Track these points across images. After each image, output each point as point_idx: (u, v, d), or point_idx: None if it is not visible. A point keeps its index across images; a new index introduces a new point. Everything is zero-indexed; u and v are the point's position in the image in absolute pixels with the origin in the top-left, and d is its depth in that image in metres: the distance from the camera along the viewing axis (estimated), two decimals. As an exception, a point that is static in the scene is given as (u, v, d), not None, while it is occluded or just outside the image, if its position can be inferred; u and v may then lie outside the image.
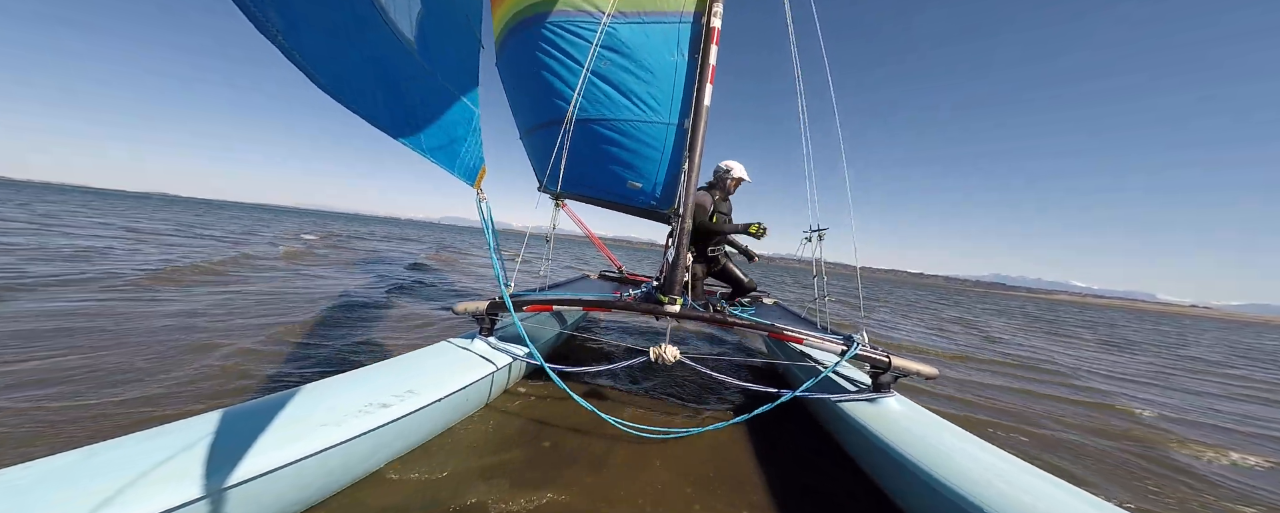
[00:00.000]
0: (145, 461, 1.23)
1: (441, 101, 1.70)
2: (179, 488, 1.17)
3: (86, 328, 3.31)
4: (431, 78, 1.59)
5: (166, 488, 1.16)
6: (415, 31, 1.46)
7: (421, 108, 1.59)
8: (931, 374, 2.49)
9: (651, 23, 2.99)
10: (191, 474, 1.22)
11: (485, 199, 2.26)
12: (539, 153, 3.79)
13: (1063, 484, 1.62)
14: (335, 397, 1.75)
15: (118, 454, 1.25)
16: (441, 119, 1.72)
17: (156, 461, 1.24)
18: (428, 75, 1.57)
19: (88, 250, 7.17)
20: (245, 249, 9.65)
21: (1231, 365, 8.48)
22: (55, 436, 1.86)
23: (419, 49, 1.49)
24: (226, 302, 4.68)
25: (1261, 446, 3.43)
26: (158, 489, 1.15)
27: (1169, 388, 5.52)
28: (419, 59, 1.50)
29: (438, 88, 1.65)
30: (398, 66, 1.43)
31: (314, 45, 1.06)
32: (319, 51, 1.08)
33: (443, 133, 1.75)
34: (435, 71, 1.60)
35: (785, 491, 1.99)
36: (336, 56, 1.16)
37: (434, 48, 1.57)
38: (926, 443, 1.89)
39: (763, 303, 4.75)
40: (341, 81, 1.17)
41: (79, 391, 2.29)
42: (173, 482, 1.19)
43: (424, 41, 1.51)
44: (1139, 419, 3.87)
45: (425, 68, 1.55)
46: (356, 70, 1.26)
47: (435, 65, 1.59)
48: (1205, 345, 12.53)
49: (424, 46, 1.51)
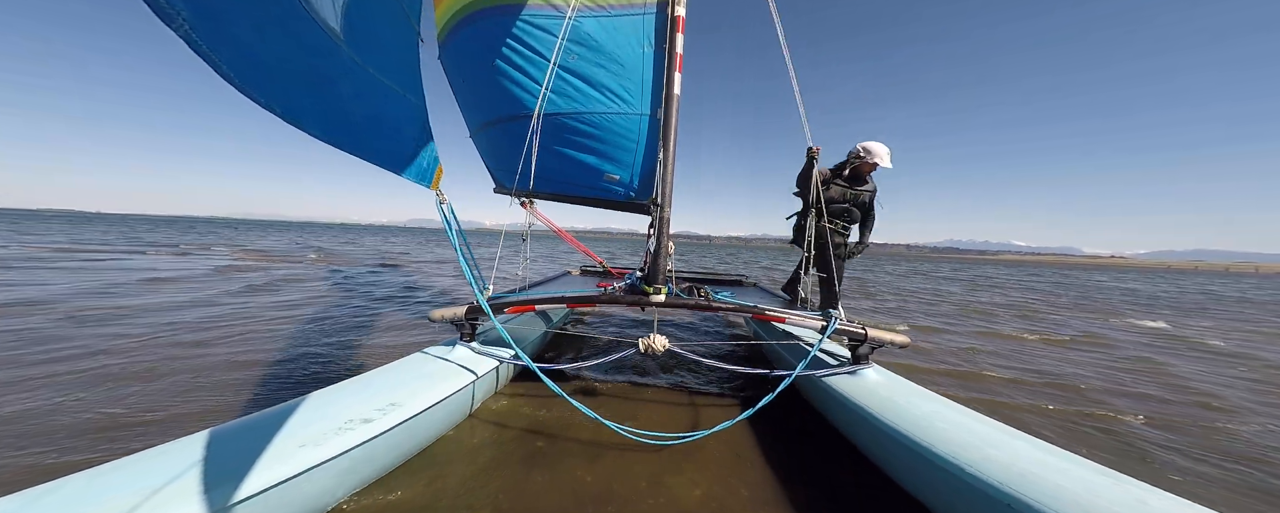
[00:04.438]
0: (104, 497, 1.15)
1: (379, 98, 1.54)
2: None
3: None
4: (363, 72, 1.43)
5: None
6: (341, 21, 1.29)
7: (355, 106, 1.43)
8: (904, 343, 2.64)
9: (618, 15, 2.96)
10: (161, 509, 1.15)
11: (446, 201, 2.18)
12: (493, 151, 3.70)
13: (1031, 439, 1.76)
14: (313, 415, 1.68)
15: (71, 492, 1.17)
16: (382, 118, 1.57)
17: (121, 498, 1.16)
18: (359, 69, 1.40)
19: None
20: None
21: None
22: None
23: (347, 41, 1.32)
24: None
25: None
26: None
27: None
28: (348, 51, 1.33)
29: (372, 83, 1.48)
30: (323, 60, 1.25)
31: (224, 37, 0.93)
32: (230, 45, 0.94)
33: (384, 133, 1.61)
34: (368, 64, 1.43)
35: (781, 469, 2.06)
36: (252, 48, 1.01)
37: (364, 40, 1.41)
38: (905, 410, 2.01)
39: (743, 285, 4.88)
40: (258, 77, 1.02)
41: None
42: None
43: (352, 33, 1.34)
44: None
45: (356, 61, 1.38)
46: (278, 64, 1.09)
47: (368, 58, 1.43)
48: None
49: (353, 38, 1.35)
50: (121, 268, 8.28)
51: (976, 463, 1.57)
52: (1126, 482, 1.46)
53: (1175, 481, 2.21)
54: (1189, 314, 9.45)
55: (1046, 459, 1.58)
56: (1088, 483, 1.42)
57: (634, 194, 3.41)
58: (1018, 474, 1.48)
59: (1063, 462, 1.57)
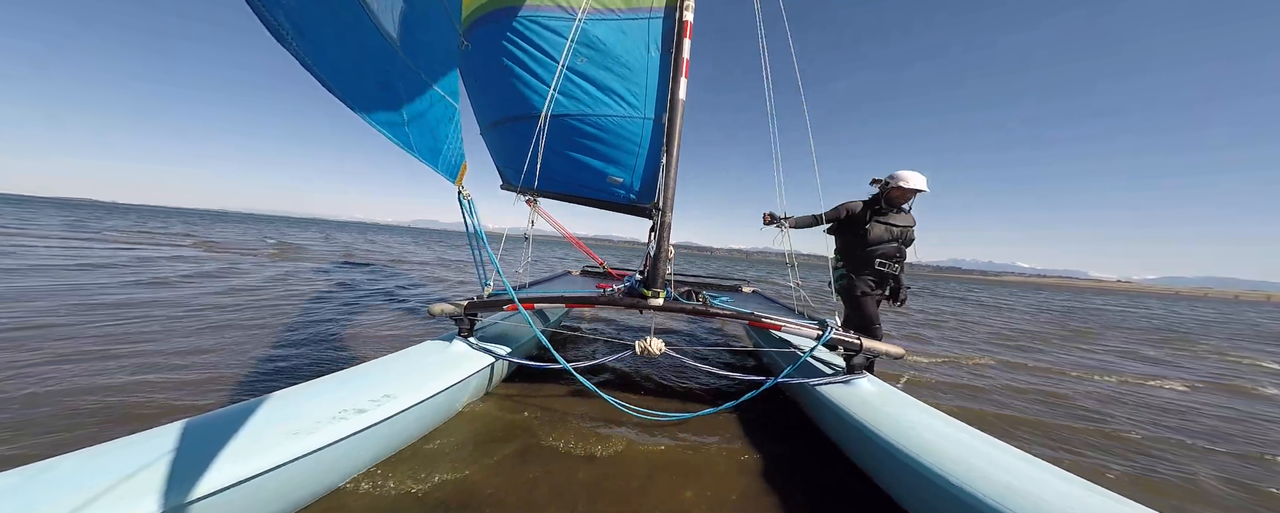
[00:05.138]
0: (102, 477, 1.16)
1: (426, 99, 1.70)
2: (140, 505, 1.10)
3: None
4: (415, 75, 1.60)
5: (127, 505, 1.09)
6: (398, 28, 1.47)
7: (408, 105, 1.60)
8: (898, 354, 2.65)
9: (626, 19, 3.01)
10: (152, 490, 1.15)
11: (469, 196, 2.25)
12: (503, 149, 3.74)
13: (1017, 452, 1.76)
14: (307, 404, 1.69)
15: (68, 470, 1.18)
16: (427, 116, 1.72)
17: (116, 476, 1.17)
18: (412, 72, 1.58)
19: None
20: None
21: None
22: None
23: (403, 46, 1.50)
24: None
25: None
26: (120, 506, 1.08)
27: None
28: (403, 56, 1.52)
29: (422, 85, 1.66)
30: (386, 64, 1.45)
31: (319, 49, 1.12)
32: (324, 55, 1.14)
33: (427, 130, 1.75)
34: (419, 68, 1.61)
35: (773, 475, 2.06)
36: (338, 58, 1.20)
37: (416, 44, 1.57)
38: (897, 421, 2.01)
39: (741, 292, 4.89)
40: (345, 83, 1.22)
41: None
42: (131, 499, 1.11)
43: (407, 38, 1.52)
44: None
45: (410, 65, 1.56)
46: (356, 71, 1.29)
47: (419, 62, 1.60)
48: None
49: (407, 43, 1.52)
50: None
51: (960, 474, 1.58)
52: (1103, 494, 1.47)
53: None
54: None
55: (1030, 472, 1.59)
56: (1073, 498, 1.44)
57: (635, 197, 3.44)
58: (1002, 486, 1.49)
59: (1049, 476, 1.58)
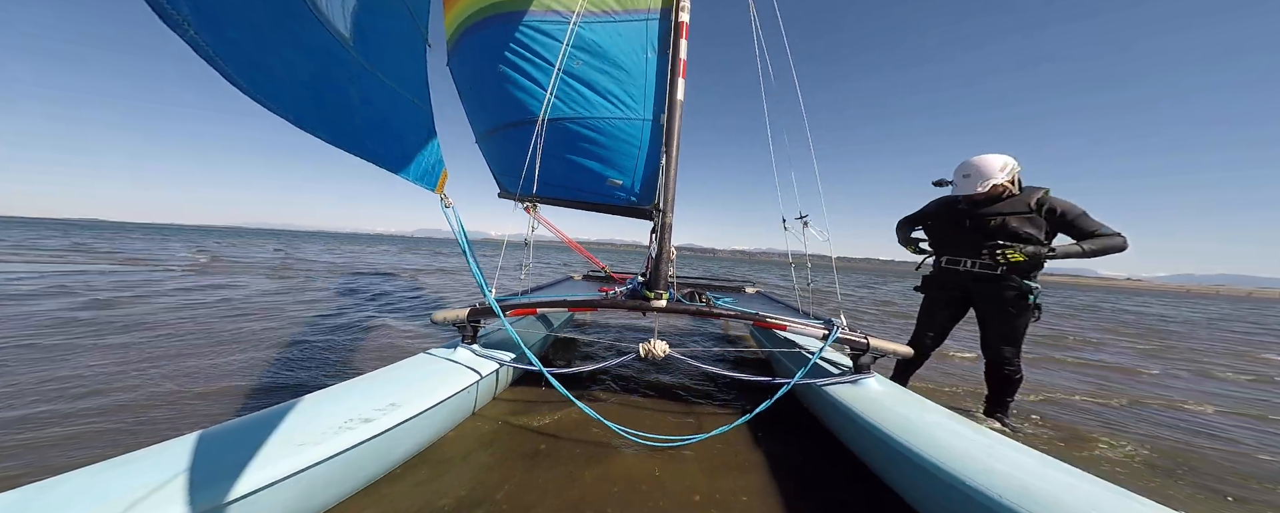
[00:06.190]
0: (102, 497, 1.14)
1: (388, 103, 1.56)
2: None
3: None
4: (372, 76, 1.45)
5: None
6: (350, 26, 1.30)
7: (365, 110, 1.44)
8: (907, 353, 2.62)
9: (622, 21, 3.00)
10: (157, 508, 1.15)
11: (452, 205, 2.17)
12: (499, 156, 3.74)
13: (1035, 453, 1.72)
14: (313, 414, 1.69)
15: (72, 489, 1.17)
16: (390, 122, 1.59)
17: (119, 495, 1.15)
18: (368, 74, 1.42)
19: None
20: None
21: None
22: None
23: (356, 45, 1.33)
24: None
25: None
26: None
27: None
28: (357, 56, 1.34)
29: (381, 87, 1.51)
30: (334, 65, 1.26)
31: (230, 40, 0.89)
32: (237, 48, 0.90)
33: (392, 137, 1.62)
34: (376, 69, 1.46)
35: (784, 477, 2.03)
36: (260, 53, 0.99)
37: (374, 44, 1.43)
38: (906, 420, 1.98)
39: (745, 293, 4.87)
40: (267, 82, 0.99)
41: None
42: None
43: (362, 37, 1.36)
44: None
45: (365, 65, 1.39)
46: (287, 70, 1.07)
47: (376, 62, 1.45)
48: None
49: (362, 42, 1.36)
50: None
51: (977, 475, 1.53)
52: (1125, 495, 1.42)
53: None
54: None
55: (1050, 473, 1.54)
56: (1093, 498, 1.38)
57: (636, 199, 3.43)
58: (1019, 487, 1.44)
59: (1067, 476, 1.53)
